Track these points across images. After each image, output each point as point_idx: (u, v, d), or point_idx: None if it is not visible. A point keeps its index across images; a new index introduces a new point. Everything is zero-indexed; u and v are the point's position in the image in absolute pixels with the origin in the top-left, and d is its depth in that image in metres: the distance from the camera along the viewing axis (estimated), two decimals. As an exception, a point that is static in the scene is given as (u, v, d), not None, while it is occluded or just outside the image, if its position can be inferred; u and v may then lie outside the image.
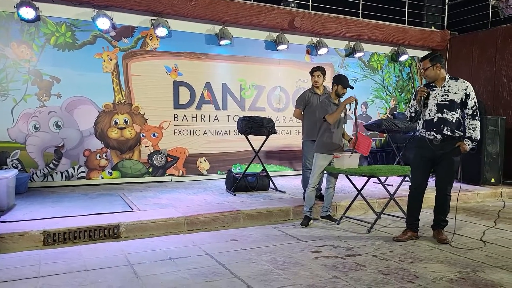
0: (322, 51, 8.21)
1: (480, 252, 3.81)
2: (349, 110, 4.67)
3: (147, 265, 3.42)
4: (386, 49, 9.24)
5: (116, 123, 6.84)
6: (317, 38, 8.21)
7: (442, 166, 4.08)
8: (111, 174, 6.83)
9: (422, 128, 4.15)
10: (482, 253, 3.78)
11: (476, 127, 3.99)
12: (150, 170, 7.09)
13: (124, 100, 6.88)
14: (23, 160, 6.28)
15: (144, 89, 6.99)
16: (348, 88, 4.79)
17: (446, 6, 9.56)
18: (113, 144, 6.83)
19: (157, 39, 7.04)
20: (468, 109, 4.00)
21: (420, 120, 4.18)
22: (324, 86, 5.45)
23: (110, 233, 4.22)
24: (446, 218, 4.23)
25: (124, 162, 6.91)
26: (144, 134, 7.02)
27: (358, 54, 8.68)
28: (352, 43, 8.66)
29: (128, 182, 6.87)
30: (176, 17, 7.02)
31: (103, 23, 6.45)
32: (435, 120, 4.03)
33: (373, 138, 9.21)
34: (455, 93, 4.01)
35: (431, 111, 4.07)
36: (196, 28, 7.27)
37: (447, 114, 4.00)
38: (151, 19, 6.91)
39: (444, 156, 4.03)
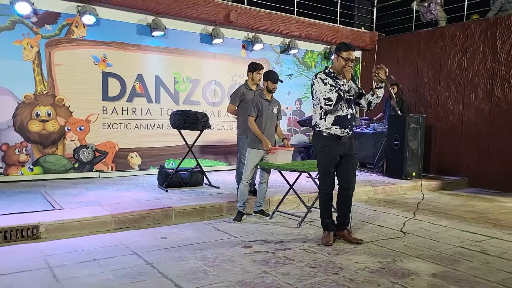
0: (258, 46, 8.25)
1: (399, 243, 4.05)
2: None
3: (68, 267, 3.23)
4: (320, 47, 9.51)
5: (37, 115, 6.37)
6: (253, 34, 8.25)
7: (348, 163, 3.95)
8: (32, 170, 6.36)
9: (333, 125, 3.84)
10: (402, 243, 4.02)
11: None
12: (76, 165, 6.71)
13: (46, 91, 6.42)
14: None
15: (70, 80, 6.57)
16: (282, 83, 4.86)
17: (375, 8, 10.04)
18: (34, 138, 6.36)
19: (84, 27, 6.63)
20: (366, 95, 3.93)
21: (326, 116, 3.86)
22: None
23: (28, 234, 3.93)
24: None
25: (47, 157, 6.47)
26: (69, 128, 6.61)
27: (293, 51, 8.84)
28: (287, 40, 8.80)
29: (52, 179, 6.44)
30: (105, 5, 6.67)
31: (22, 8, 5.96)
32: (349, 116, 3.88)
33: (306, 133, 9.47)
34: (353, 89, 3.90)
35: (343, 107, 3.85)
36: (127, 17, 6.95)
37: (353, 110, 3.96)
38: (77, 6, 6.50)
39: (351, 154, 3.95)
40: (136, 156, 7.24)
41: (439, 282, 3.06)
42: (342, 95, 3.76)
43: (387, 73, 3.83)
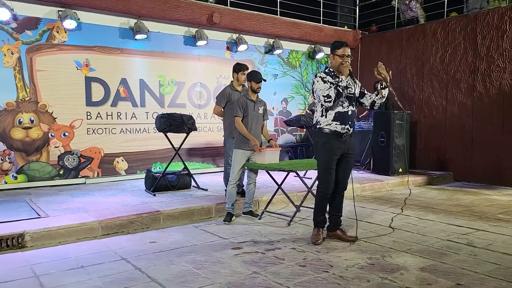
0: (242, 47, 8.24)
1: (388, 238, 4.08)
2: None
3: (55, 275, 3.18)
4: (304, 47, 9.54)
5: (20, 122, 6.27)
6: (237, 35, 8.24)
7: (347, 163, 3.97)
8: (16, 178, 6.25)
9: (333, 121, 3.83)
10: (390, 239, 4.06)
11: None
12: (61, 172, 6.61)
13: (29, 98, 6.32)
14: None
15: (52, 86, 6.48)
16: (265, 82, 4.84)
17: (357, 7, 10.12)
18: (17, 146, 6.24)
19: (65, 32, 6.55)
20: (368, 94, 3.96)
21: (327, 112, 3.85)
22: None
23: (13, 243, 3.86)
24: None
25: (31, 164, 6.36)
26: (53, 134, 6.52)
27: (277, 51, 8.86)
28: (271, 40, 8.81)
29: (36, 186, 6.33)
30: (86, 9, 6.59)
31: (2, 14, 5.86)
32: (349, 112, 3.87)
33: (293, 133, 9.49)
34: (354, 85, 3.91)
35: (344, 103, 3.84)
36: (109, 21, 6.88)
37: (354, 107, 3.93)
38: (58, 11, 6.41)
39: (349, 152, 3.96)
40: (123, 161, 7.16)
41: (428, 276, 3.09)
42: (341, 91, 3.75)
43: (389, 72, 3.84)
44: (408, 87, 8.72)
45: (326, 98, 3.76)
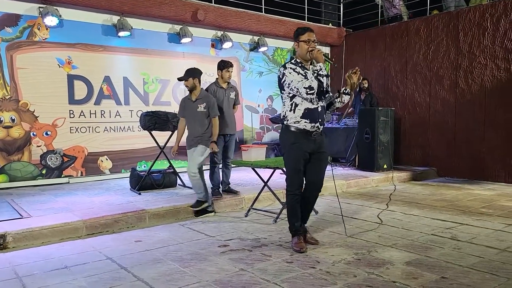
0: (227, 45, 8.21)
1: (374, 234, 4.12)
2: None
3: (38, 276, 3.12)
4: (289, 44, 9.54)
5: (0, 121, 6.13)
6: (222, 32, 8.20)
7: (320, 161, 3.65)
8: (-3, 178, 6.12)
9: (302, 118, 3.52)
10: (376, 234, 4.09)
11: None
12: (44, 172, 6.48)
13: (9, 96, 6.18)
14: None
15: (33, 84, 6.35)
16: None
17: (341, 4, 10.17)
18: (-3, 145, 6.12)
19: (47, 29, 6.42)
20: (330, 94, 3.66)
21: (296, 108, 3.54)
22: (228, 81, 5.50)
23: (-5, 244, 3.77)
24: None
25: (12, 164, 6.23)
26: (35, 133, 6.39)
27: (262, 49, 8.85)
28: (256, 38, 8.79)
29: (18, 186, 6.20)
30: (68, 5, 6.47)
31: (-21, 9, 5.72)
32: (319, 109, 3.56)
33: (279, 130, 9.48)
34: (324, 77, 3.46)
35: (313, 99, 3.51)
36: (91, 18, 6.77)
37: (323, 102, 3.62)
38: (39, 7, 6.28)
39: (321, 150, 3.64)
40: (107, 159, 7.07)
41: (413, 270, 3.13)
42: (322, 81, 3.41)
43: (360, 80, 3.74)
44: (392, 83, 8.80)
45: (308, 90, 3.39)
